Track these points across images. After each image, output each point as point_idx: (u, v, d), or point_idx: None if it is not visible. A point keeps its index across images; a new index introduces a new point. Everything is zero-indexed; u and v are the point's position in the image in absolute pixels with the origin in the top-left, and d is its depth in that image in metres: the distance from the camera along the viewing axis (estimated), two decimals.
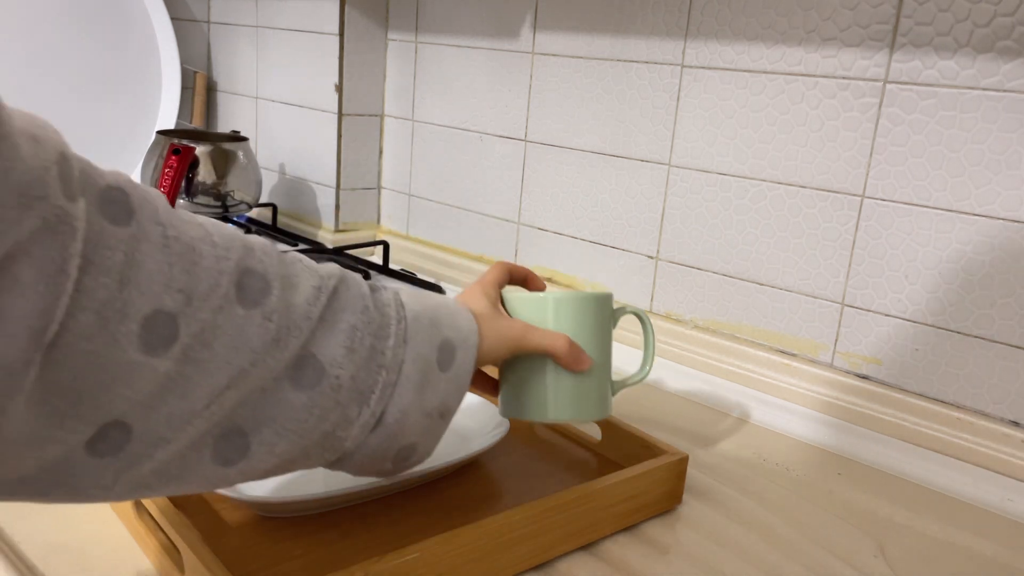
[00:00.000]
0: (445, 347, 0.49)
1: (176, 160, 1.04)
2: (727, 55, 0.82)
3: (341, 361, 0.44)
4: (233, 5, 1.33)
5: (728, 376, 0.84)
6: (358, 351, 0.45)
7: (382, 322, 0.47)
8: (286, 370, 0.43)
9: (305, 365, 0.43)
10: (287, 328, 0.42)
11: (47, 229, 0.32)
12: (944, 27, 0.68)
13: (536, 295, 0.56)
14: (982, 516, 0.65)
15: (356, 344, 0.45)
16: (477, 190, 1.09)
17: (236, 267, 0.41)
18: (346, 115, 1.17)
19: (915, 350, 0.74)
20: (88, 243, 0.34)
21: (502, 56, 1.02)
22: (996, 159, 0.67)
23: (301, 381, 0.43)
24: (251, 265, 0.42)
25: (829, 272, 0.78)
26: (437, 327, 0.50)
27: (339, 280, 0.46)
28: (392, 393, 0.47)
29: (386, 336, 0.47)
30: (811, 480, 0.68)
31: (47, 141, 0.34)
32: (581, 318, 0.56)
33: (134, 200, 0.38)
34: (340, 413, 0.45)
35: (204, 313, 0.39)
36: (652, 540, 0.58)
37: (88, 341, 0.35)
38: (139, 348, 0.36)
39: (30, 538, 0.52)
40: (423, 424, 0.49)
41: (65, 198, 0.33)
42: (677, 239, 0.89)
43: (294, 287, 0.44)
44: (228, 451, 0.42)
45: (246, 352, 0.40)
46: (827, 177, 0.77)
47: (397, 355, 0.47)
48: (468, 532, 0.49)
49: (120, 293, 0.35)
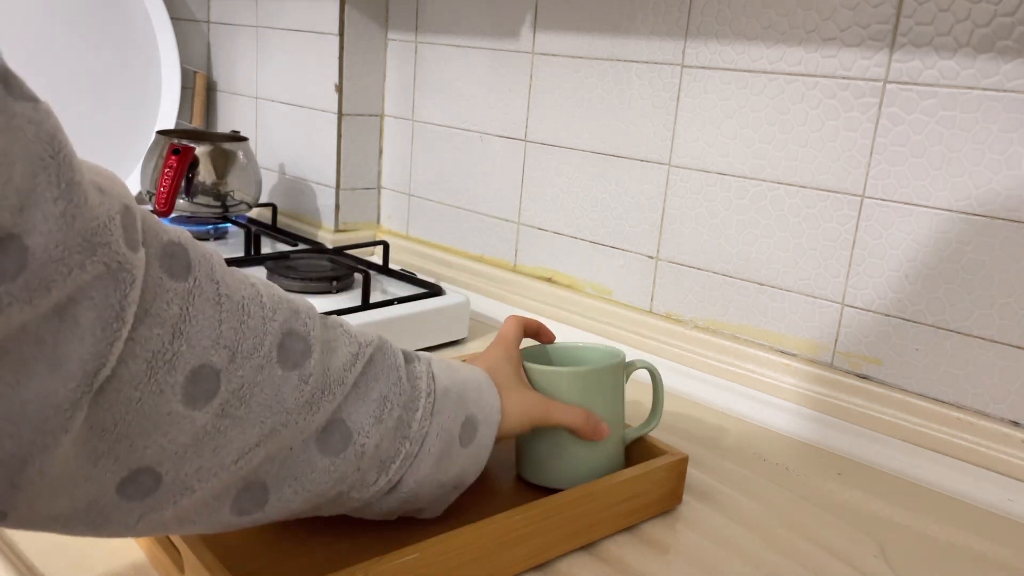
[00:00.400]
0: (469, 423, 0.51)
1: (176, 160, 1.04)
2: (727, 55, 0.82)
3: (368, 430, 0.46)
4: (233, 5, 1.33)
5: (728, 376, 0.84)
6: (385, 421, 0.47)
7: (412, 394, 0.48)
8: (315, 432, 0.44)
9: (334, 430, 0.45)
10: (321, 391, 0.43)
11: (109, 275, 0.33)
12: (944, 27, 0.68)
13: (552, 370, 0.59)
14: (982, 516, 0.65)
15: (385, 415, 0.47)
16: (477, 190, 1.09)
17: (280, 328, 0.42)
18: (346, 115, 1.17)
19: (915, 350, 0.73)
20: (146, 293, 0.36)
21: (502, 56, 1.02)
22: (996, 159, 0.67)
23: (327, 445, 0.45)
24: (295, 327, 0.43)
25: (829, 272, 0.78)
26: (464, 402, 0.51)
27: (376, 348, 0.48)
28: (412, 464, 0.48)
29: (415, 408, 0.48)
30: (811, 480, 0.68)
31: (113, 193, 0.35)
32: (595, 389, 0.59)
33: (193, 256, 0.39)
34: (359, 477, 0.46)
35: (245, 371, 0.40)
36: (652, 540, 0.58)
37: (135, 388, 0.36)
38: (182, 400, 0.37)
39: (30, 538, 0.52)
40: (436, 493, 0.51)
41: (127, 247, 0.34)
42: (677, 239, 0.89)
43: (333, 351, 0.45)
44: (247, 503, 0.43)
45: (280, 412, 0.42)
46: (827, 177, 0.77)
47: (422, 428, 0.48)
48: (468, 532, 0.49)
49: (171, 345, 0.37)
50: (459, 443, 0.51)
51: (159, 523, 0.40)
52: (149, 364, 0.36)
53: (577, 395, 0.58)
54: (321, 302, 0.86)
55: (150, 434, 0.37)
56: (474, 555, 0.49)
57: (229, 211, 1.11)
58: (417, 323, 0.87)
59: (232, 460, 0.40)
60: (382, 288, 0.94)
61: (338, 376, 0.44)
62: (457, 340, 0.92)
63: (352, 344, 0.46)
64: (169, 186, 1.04)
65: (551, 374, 0.58)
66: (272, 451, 0.42)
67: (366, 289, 0.87)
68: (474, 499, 0.60)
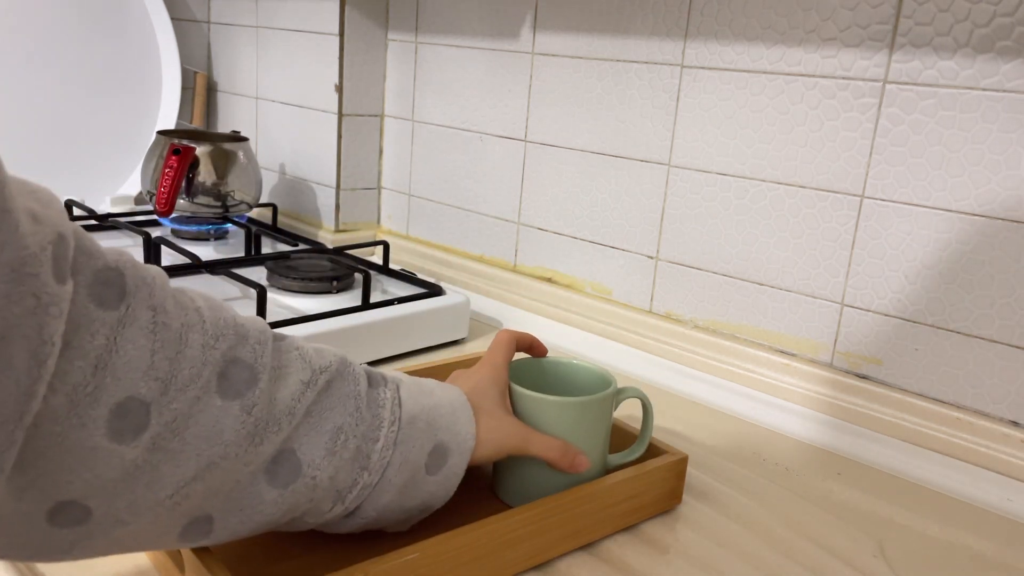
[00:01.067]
0: (438, 451, 0.50)
1: (176, 160, 1.04)
2: (727, 55, 0.82)
3: (320, 463, 0.44)
4: (233, 5, 1.33)
5: (728, 376, 0.84)
6: (340, 453, 0.45)
7: (373, 423, 0.46)
8: (263, 464, 0.42)
9: (283, 461, 0.43)
10: (266, 422, 0.41)
11: (39, 308, 0.32)
12: (944, 27, 0.68)
13: (540, 398, 0.57)
14: (982, 516, 0.65)
15: (339, 447, 0.45)
16: (477, 190, 1.09)
17: (223, 356, 0.40)
18: (346, 115, 1.17)
19: (915, 350, 0.74)
20: (70, 324, 0.34)
21: (502, 56, 1.02)
22: (996, 159, 0.67)
23: (276, 478, 0.43)
24: (240, 355, 0.41)
25: (829, 272, 0.78)
26: (432, 430, 0.49)
27: (334, 374, 0.46)
28: (371, 493, 0.47)
29: (375, 439, 0.46)
30: (811, 480, 0.69)
31: (47, 221, 0.33)
32: (583, 419, 0.57)
33: (129, 282, 0.37)
34: (312, 507, 0.45)
35: (179, 403, 0.38)
36: (652, 540, 0.58)
37: (55, 423, 0.34)
38: (106, 434, 0.35)
39: None
40: (400, 517, 0.50)
41: (55, 279, 0.33)
42: (677, 239, 0.89)
43: (283, 379, 0.43)
44: (191, 532, 0.42)
45: (218, 444, 0.39)
46: (827, 177, 0.77)
47: (383, 458, 0.47)
48: (468, 532, 0.49)
49: (93, 377, 0.35)
50: (425, 471, 0.49)
51: (96, 550, 0.39)
52: (69, 398, 0.34)
53: (564, 424, 0.56)
54: (321, 302, 0.87)
55: (74, 469, 0.35)
56: (474, 555, 0.49)
57: (229, 211, 1.11)
58: (417, 323, 0.87)
59: (167, 495, 0.38)
60: (382, 288, 0.94)
61: (287, 406, 0.42)
62: (457, 340, 0.92)
63: (305, 371, 0.44)
64: (169, 186, 1.04)
65: (539, 401, 0.57)
66: (214, 484, 0.40)
67: (366, 289, 0.87)
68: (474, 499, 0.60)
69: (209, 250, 1.07)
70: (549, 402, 0.56)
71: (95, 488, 0.36)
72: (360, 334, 0.82)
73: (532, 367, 0.63)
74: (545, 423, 0.56)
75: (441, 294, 0.92)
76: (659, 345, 0.90)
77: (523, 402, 0.57)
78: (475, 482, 0.62)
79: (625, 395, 0.60)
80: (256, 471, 0.42)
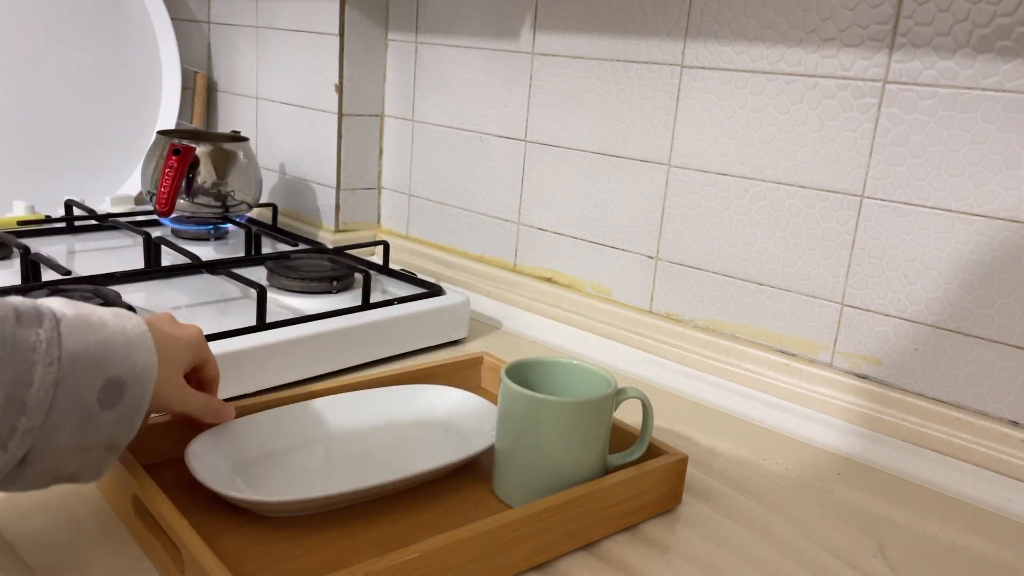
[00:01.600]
0: (111, 385, 0.47)
1: (176, 160, 1.04)
2: (727, 55, 0.82)
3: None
4: (233, 5, 1.33)
5: (728, 376, 0.84)
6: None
7: (21, 368, 0.43)
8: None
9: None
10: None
11: None
12: (944, 27, 0.68)
13: (539, 398, 0.57)
14: (982, 516, 0.65)
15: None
16: (477, 190, 1.09)
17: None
18: (346, 115, 1.17)
19: (915, 350, 0.74)
20: None
21: (502, 56, 1.02)
22: (996, 159, 0.67)
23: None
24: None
25: (829, 272, 0.78)
26: (101, 366, 0.47)
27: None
28: (38, 436, 0.44)
29: (27, 383, 0.43)
30: (811, 480, 0.69)
31: None
32: (583, 420, 0.57)
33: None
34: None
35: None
36: (652, 540, 0.58)
37: None
38: None
39: (30, 538, 0.52)
40: (82, 458, 0.47)
41: None
42: (677, 239, 0.89)
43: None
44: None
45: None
46: (827, 177, 0.77)
47: (42, 400, 0.44)
48: (468, 532, 0.49)
49: None
50: (99, 407, 0.46)
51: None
52: None
53: (563, 424, 0.56)
54: (321, 302, 0.87)
55: None
56: (474, 555, 0.49)
57: (229, 211, 1.11)
58: (417, 323, 0.87)
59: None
60: (382, 288, 0.94)
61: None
62: (457, 340, 0.92)
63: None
64: (170, 186, 1.04)
65: (539, 401, 0.57)
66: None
67: (366, 289, 0.87)
68: (474, 499, 0.60)
69: (209, 250, 1.07)
70: (549, 403, 0.56)
71: None
72: (360, 334, 0.82)
73: (532, 367, 0.63)
74: (545, 423, 0.56)
75: (441, 294, 0.92)
76: (659, 345, 0.90)
77: (523, 402, 0.57)
78: (475, 482, 0.62)
79: (625, 395, 0.60)
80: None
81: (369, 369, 0.82)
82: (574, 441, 0.57)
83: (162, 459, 0.60)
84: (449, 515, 0.57)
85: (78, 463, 0.47)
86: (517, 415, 0.57)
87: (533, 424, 0.57)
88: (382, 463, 0.61)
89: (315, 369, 0.79)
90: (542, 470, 0.57)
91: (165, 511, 0.49)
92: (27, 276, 0.84)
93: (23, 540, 0.52)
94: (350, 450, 0.63)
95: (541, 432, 0.56)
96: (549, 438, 0.57)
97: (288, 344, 0.76)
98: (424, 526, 0.55)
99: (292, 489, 0.57)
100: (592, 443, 0.58)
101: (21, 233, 1.03)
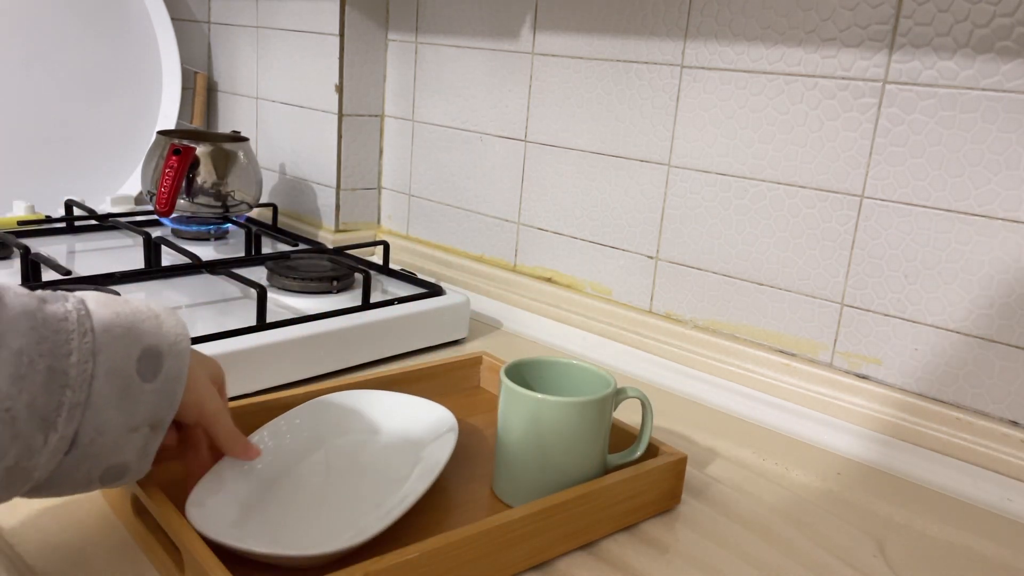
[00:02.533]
0: (148, 355, 0.47)
1: (176, 160, 1.04)
2: (727, 55, 0.82)
3: (9, 391, 0.41)
4: (233, 5, 1.33)
5: (728, 376, 0.84)
6: (30, 377, 0.41)
7: (57, 339, 0.43)
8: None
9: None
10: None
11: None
12: (944, 27, 0.68)
13: (539, 398, 0.56)
14: (982, 516, 0.65)
15: (26, 370, 0.41)
16: (477, 190, 1.09)
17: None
18: (346, 115, 1.17)
19: (915, 350, 0.74)
20: None
21: (502, 56, 1.02)
22: (996, 159, 0.67)
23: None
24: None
25: (829, 272, 0.78)
26: (135, 335, 0.46)
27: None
28: (84, 412, 0.44)
29: (66, 353, 0.43)
30: (811, 480, 0.69)
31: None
32: (583, 420, 0.57)
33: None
34: (22, 445, 0.42)
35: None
36: (651, 540, 0.58)
37: None
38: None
39: (30, 538, 0.52)
40: (132, 440, 0.47)
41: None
42: (677, 239, 0.89)
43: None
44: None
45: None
46: (826, 177, 0.77)
47: (83, 371, 0.43)
48: (468, 532, 0.49)
49: None
50: (140, 379, 0.46)
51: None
52: None
53: (563, 424, 0.57)
54: (321, 302, 0.87)
55: None
56: (474, 555, 0.49)
57: (230, 211, 1.11)
58: (417, 323, 0.87)
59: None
60: (382, 288, 0.94)
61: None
62: (457, 340, 0.92)
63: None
64: (170, 186, 1.04)
65: (539, 401, 0.57)
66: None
67: (366, 289, 0.87)
68: (474, 499, 0.60)
69: (209, 250, 1.07)
70: (549, 402, 0.56)
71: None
72: (360, 334, 0.82)
73: (532, 367, 0.63)
74: (545, 423, 0.56)
75: (441, 294, 0.92)
76: (659, 345, 0.90)
77: (523, 402, 0.57)
78: (475, 482, 0.62)
79: (624, 395, 0.60)
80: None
81: (369, 369, 0.82)
82: (574, 441, 0.57)
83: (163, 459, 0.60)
84: (449, 515, 0.57)
85: (126, 448, 0.46)
86: (517, 415, 0.57)
87: (533, 424, 0.57)
88: (375, 490, 0.59)
89: (315, 369, 0.79)
90: (542, 470, 0.57)
91: (165, 511, 0.49)
92: (27, 276, 0.84)
93: (23, 540, 0.52)
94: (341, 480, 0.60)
95: (541, 432, 0.56)
96: (549, 438, 0.57)
97: (288, 344, 0.76)
98: (424, 526, 0.55)
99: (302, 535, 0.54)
100: (592, 443, 0.58)
101: (21, 233, 1.03)
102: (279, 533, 0.53)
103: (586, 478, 0.58)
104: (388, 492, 0.57)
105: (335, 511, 0.56)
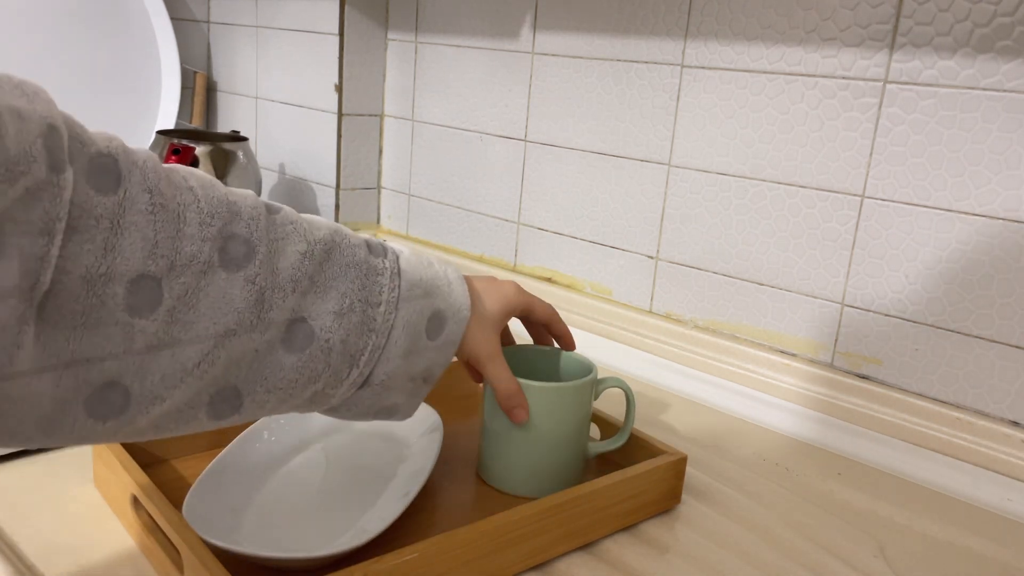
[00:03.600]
0: (436, 317, 0.52)
1: (176, 160, 1.04)
2: (727, 55, 0.82)
3: (331, 326, 0.46)
4: (233, 5, 1.33)
5: (728, 376, 0.84)
6: (348, 317, 0.47)
7: (373, 289, 0.48)
8: (278, 333, 0.45)
9: (296, 329, 0.45)
10: (272, 290, 0.44)
11: (31, 197, 0.34)
12: (944, 27, 0.68)
13: (520, 383, 0.58)
14: (982, 516, 0.65)
15: (346, 310, 0.47)
16: (477, 190, 1.09)
17: (219, 233, 0.42)
18: (346, 115, 1.17)
19: (915, 350, 0.73)
20: (74, 211, 0.36)
21: (502, 56, 1.02)
22: (996, 159, 0.67)
23: (292, 344, 0.45)
24: (236, 231, 0.43)
25: (829, 272, 0.78)
26: (431, 297, 0.51)
27: (331, 244, 0.48)
28: (380, 356, 0.49)
29: (377, 303, 0.48)
30: (811, 480, 0.68)
31: (32, 116, 0.35)
32: (563, 405, 0.59)
33: (123, 167, 0.39)
34: (331, 373, 0.47)
35: (186, 277, 0.40)
36: (651, 540, 0.58)
37: (75, 302, 0.37)
38: (125, 310, 0.38)
39: (30, 538, 0.52)
40: (407, 387, 0.52)
41: (51, 170, 0.35)
42: (677, 239, 0.89)
43: (280, 252, 0.45)
44: (222, 408, 0.44)
45: (230, 312, 0.42)
46: (827, 177, 0.77)
47: (387, 321, 0.49)
48: (468, 532, 0.49)
49: (104, 259, 0.37)
50: (426, 336, 0.51)
51: (135, 432, 0.41)
52: (84, 279, 0.37)
53: (544, 408, 0.58)
54: None
55: (103, 346, 0.38)
56: (474, 555, 0.49)
57: None
58: None
59: (193, 364, 0.41)
60: None
61: (289, 275, 0.45)
62: None
63: (301, 242, 0.46)
64: None
65: (520, 387, 0.58)
66: (235, 354, 0.43)
67: None
68: (473, 499, 0.60)
69: None
70: (530, 388, 0.58)
71: (127, 364, 0.39)
72: None
73: (519, 355, 0.64)
74: (528, 407, 0.58)
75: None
76: (659, 345, 0.90)
77: None
78: (475, 483, 0.62)
79: (606, 384, 0.62)
80: (273, 340, 0.44)
81: None
82: (555, 425, 0.59)
83: (162, 459, 0.60)
84: (449, 515, 0.57)
85: (401, 393, 0.51)
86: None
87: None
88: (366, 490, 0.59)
89: None
90: (524, 454, 0.59)
91: (164, 511, 0.49)
92: None
93: (23, 539, 0.52)
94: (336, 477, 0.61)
95: (528, 416, 0.58)
96: (531, 422, 0.58)
97: None
98: (424, 526, 0.55)
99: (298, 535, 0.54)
100: (572, 428, 0.60)
101: None
102: (279, 534, 0.53)
103: (568, 463, 0.60)
104: (382, 492, 0.58)
105: (333, 511, 0.56)
